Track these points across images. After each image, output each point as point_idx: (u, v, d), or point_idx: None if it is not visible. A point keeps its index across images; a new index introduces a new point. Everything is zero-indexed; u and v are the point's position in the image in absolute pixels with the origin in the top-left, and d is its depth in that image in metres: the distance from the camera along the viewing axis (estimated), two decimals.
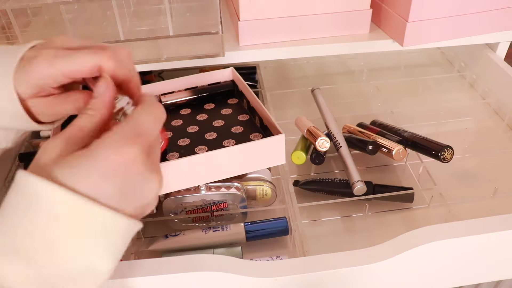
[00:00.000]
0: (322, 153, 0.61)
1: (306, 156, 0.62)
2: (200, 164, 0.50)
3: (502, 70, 0.75)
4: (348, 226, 0.58)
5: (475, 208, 0.58)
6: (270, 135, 0.54)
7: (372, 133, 0.64)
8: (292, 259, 0.45)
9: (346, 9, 0.68)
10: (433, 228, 0.46)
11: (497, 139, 0.72)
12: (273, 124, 0.53)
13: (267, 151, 0.52)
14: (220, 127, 0.59)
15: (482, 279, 0.54)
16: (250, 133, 0.57)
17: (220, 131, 0.58)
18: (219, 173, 0.51)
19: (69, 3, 0.60)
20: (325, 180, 0.61)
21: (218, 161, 0.50)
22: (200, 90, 0.66)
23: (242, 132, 0.57)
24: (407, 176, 0.65)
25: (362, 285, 0.46)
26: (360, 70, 0.89)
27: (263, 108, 0.55)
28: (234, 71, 0.66)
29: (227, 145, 0.55)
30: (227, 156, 0.50)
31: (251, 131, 0.57)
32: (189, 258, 0.44)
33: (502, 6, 0.70)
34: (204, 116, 0.61)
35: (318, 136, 0.60)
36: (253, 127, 0.58)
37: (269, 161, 0.53)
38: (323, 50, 0.70)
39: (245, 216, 0.57)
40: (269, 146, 0.51)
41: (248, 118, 0.60)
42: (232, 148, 0.50)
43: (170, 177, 0.49)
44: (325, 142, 0.59)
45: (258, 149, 0.51)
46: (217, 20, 0.62)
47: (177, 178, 0.50)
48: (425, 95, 0.82)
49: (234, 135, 0.57)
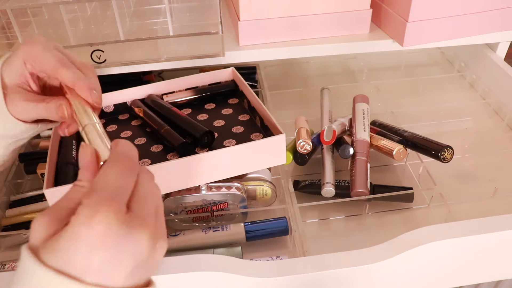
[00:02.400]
0: (305, 154, 0.61)
1: (292, 157, 0.62)
2: (201, 164, 0.50)
3: (502, 70, 0.75)
4: (348, 226, 0.58)
5: (475, 208, 0.58)
6: (271, 135, 0.54)
7: (373, 133, 0.64)
8: (292, 259, 0.45)
9: (346, 9, 0.68)
10: (433, 228, 0.46)
11: (497, 139, 0.72)
12: (274, 124, 0.53)
13: (268, 151, 0.52)
14: (221, 127, 0.59)
15: (482, 279, 0.54)
16: (251, 133, 0.57)
17: (221, 131, 0.58)
18: (220, 173, 0.52)
19: (69, 3, 0.60)
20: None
21: (219, 161, 0.50)
22: (201, 90, 0.66)
23: (242, 132, 0.57)
24: (407, 176, 0.65)
25: (362, 285, 0.46)
26: (360, 70, 0.89)
27: (264, 108, 0.56)
28: (235, 71, 0.66)
29: (228, 145, 0.55)
30: (228, 156, 0.50)
31: (251, 131, 0.57)
32: (189, 258, 0.44)
33: (502, 6, 0.70)
34: (205, 116, 0.61)
35: (300, 138, 0.60)
36: (254, 127, 0.58)
37: (270, 161, 0.53)
38: (323, 50, 0.70)
39: (245, 216, 0.57)
40: (270, 146, 0.51)
41: (248, 118, 0.60)
42: (233, 148, 0.50)
43: (170, 176, 0.49)
44: (306, 145, 0.59)
45: (259, 149, 0.51)
46: (217, 20, 0.62)
47: (177, 178, 0.50)
48: (425, 95, 0.82)
49: (235, 135, 0.57)
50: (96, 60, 0.63)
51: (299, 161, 0.61)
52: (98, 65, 0.63)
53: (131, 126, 0.62)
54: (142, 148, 0.57)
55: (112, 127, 0.62)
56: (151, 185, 0.32)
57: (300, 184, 0.61)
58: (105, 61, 0.63)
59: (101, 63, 0.63)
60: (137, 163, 0.32)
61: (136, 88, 0.64)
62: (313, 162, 0.63)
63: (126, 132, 0.60)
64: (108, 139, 0.35)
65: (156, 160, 0.53)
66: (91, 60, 0.62)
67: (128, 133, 0.60)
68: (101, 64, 0.63)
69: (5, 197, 0.59)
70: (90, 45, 0.61)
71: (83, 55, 0.62)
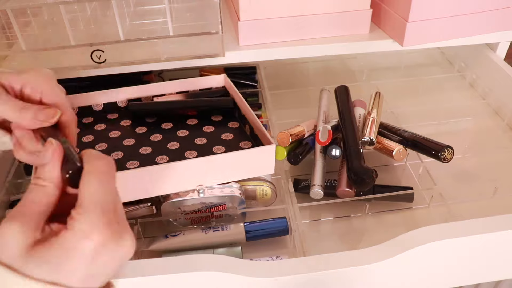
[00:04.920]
0: (298, 155, 0.61)
1: (285, 154, 0.62)
2: (190, 169, 0.50)
3: (502, 70, 0.75)
4: (348, 226, 0.58)
5: (475, 208, 0.58)
6: (260, 144, 0.54)
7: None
8: (292, 259, 0.45)
9: (346, 9, 0.68)
10: (433, 228, 0.46)
11: (497, 139, 0.72)
12: (264, 134, 0.53)
13: (257, 160, 0.52)
14: (210, 133, 0.59)
15: (482, 279, 0.54)
16: (240, 141, 0.57)
17: (210, 137, 0.58)
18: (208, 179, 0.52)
19: (69, 3, 0.60)
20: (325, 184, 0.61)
21: (207, 167, 0.50)
22: (191, 94, 0.66)
23: (232, 139, 0.57)
24: (407, 176, 0.65)
25: (362, 285, 0.46)
26: (360, 70, 0.89)
27: (255, 117, 0.56)
28: (227, 78, 0.66)
29: (217, 151, 0.55)
30: (217, 163, 0.50)
31: (240, 139, 0.57)
32: (189, 258, 0.44)
33: (502, 6, 0.70)
34: (195, 121, 0.61)
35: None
36: (243, 135, 0.58)
37: (258, 170, 0.53)
38: (323, 50, 0.70)
39: (245, 216, 0.57)
40: (260, 155, 0.51)
41: (238, 126, 0.60)
42: (223, 155, 0.50)
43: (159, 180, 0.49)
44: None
45: (248, 157, 0.51)
46: (217, 20, 0.62)
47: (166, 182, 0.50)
48: (425, 95, 0.82)
49: (224, 141, 0.57)
50: (96, 60, 0.63)
51: (291, 161, 0.61)
52: (98, 65, 0.63)
53: (120, 126, 0.61)
54: (131, 150, 0.56)
55: (101, 126, 0.61)
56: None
57: (300, 184, 0.61)
58: (105, 61, 0.63)
59: (101, 63, 0.63)
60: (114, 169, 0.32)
61: (128, 88, 0.64)
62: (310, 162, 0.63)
63: (115, 132, 0.60)
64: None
65: (145, 163, 0.53)
66: (91, 60, 0.62)
67: (117, 133, 0.59)
68: (101, 64, 0.63)
69: (5, 197, 0.59)
70: (90, 45, 0.61)
71: (83, 55, 0.62)
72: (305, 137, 0.65)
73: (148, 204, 0.54)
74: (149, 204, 0.54)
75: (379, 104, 0.66)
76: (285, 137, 0.62)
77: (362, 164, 0.56)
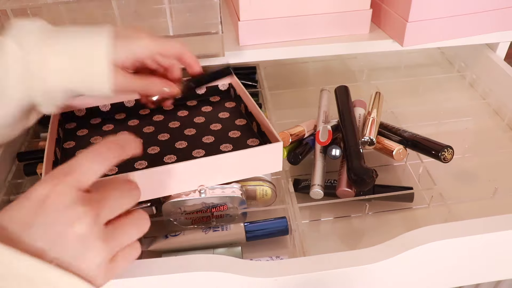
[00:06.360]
0: (298, 155, 0.61)
1: (285, 154, 0.62)
2: (197, 169, 0.50)
3: (502, 70, 0.75)
4: (348, 226, 0.58)
5: (475, 208, 0.58)
6: (267, 141, 0.54)
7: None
8: (292, 259, 0.45)
9: (346, 9, 0.69)
10: (433, 228, 0.46)
11: (497, 139, 0.72)
12: (271, 131, 0.53)
13: (265, 158, 0.52)
14: (217, 131, 0.58)
15: (482, 279, 0.54)
16: (247, 139, 0.57)
17: (217, 135, 0.58)
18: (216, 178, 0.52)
19: (69, 3, 0.60)
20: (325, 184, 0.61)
21: (215, 166, 0.50)
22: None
23: (239, 137, 0.57)
24: (407, 176, 0.65)
25: (362, 285, 0.46)
26: (360, 70, 0.89)
27: (262, 114, 0.55)
28: (233, 75, 0.66)
29: (225, 149, 0.55)
30: (225, 162, 0.50)
31: (248, 136, 0.57)
32: (189, 258, 0.44)
33: (502, 6, 0.70)
34: (202, 119, 0.61)
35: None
36: (250, 132, 0.58)
37: (266, 168, 0.53)
38: (323, 50, 0.70)
39: (245, 217, 0.57)
40: (267, 153, 0.51)
41: (245, 123, 0.60)
42: (233, 153, 0.50)
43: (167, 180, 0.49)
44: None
45: (256, 155, 0.51)
46: (217, 20, 0.62)
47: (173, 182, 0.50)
48: (425, 95, 0.82)
49: (231, 139, 0.57)
50: None
51: (291, 161, 0.61)
52: None
53: (128, 126, 0.61)
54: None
55: (109, 126, 0.62)
56: None
57: (300, 184, 0.61)
58: None
59: None
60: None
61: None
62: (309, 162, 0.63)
63: (123, 132, 0.60)
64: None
65: (153, 163, 0.53)
66: None
67: (125, 134, 0.59)
68: None
69: (5, 197, 0.59)
70: None
71: None
72: (305, 137, 0.65)
73: (148, 204, 0.54)
74: (149, 204, 0.54)
75: (379, 104, 0.66)
76: (285, 137, 0.62)
77: (362, 164, 0.56)
